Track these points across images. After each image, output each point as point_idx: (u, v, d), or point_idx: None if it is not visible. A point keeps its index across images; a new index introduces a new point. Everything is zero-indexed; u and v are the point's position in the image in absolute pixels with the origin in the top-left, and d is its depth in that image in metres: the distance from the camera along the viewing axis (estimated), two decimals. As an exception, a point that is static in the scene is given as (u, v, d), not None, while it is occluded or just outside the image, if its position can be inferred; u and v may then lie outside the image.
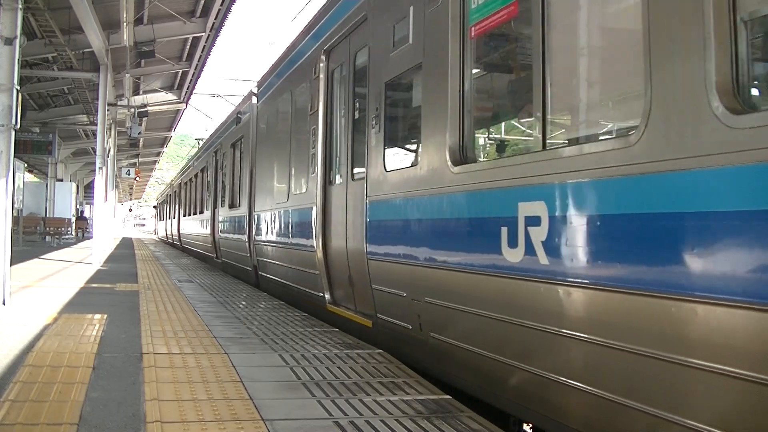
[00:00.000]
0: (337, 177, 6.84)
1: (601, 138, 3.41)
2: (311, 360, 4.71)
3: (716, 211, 2.30)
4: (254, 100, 11.38)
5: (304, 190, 7.55)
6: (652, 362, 2.54)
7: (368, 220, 5.55)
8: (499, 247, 3.48)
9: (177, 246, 27.15)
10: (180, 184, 26.97)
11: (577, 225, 2.95)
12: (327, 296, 6.84)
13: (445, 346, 4.23)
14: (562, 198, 3.05)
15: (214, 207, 15.61)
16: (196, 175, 20.97)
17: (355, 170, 6.15)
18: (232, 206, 13.24)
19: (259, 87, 11.06)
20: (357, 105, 6.24)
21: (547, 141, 3.37)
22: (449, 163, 4.14)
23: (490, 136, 5.14)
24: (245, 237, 11.17)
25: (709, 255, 2.32)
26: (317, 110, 7.15)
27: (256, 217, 10.33)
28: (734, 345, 2.24)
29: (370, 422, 3.27)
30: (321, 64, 7.11)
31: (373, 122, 5.48)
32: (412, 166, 4.95)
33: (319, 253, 6.87)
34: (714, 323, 2.30)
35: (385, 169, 5.26)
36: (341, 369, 4.46)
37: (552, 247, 3.08)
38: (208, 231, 16.60)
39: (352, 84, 6.33)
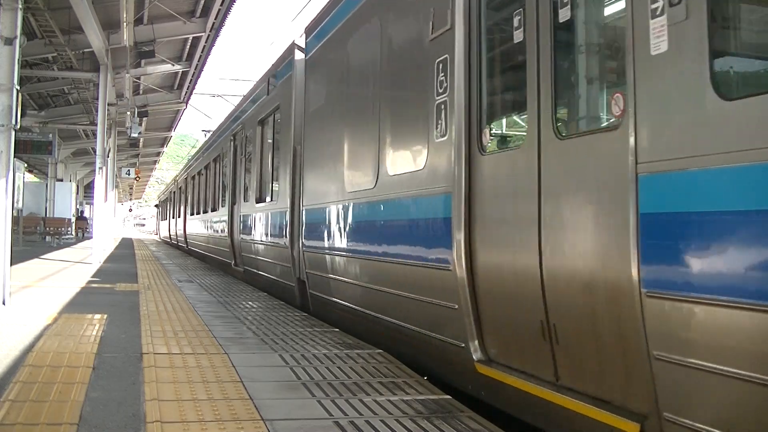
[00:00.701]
0: (506, 139, 4.38)
1: None
2: (311, 360, 4.71)
3: None
4: (299, 55, 8.44)
5: (420, 166, 4.68)
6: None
7: (641, 215, 2.75)
8: None
9: (182, 248, 24.71)
10: (186, 179, 24.30)
11: None
12: (475, 348, 4.03)
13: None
14: None
15: (233, 203, 12.83)
16: (206, 167, 17.83)
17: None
18: (261, 200, 10.45)
19: (309, 33, 7.87)
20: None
21: None
22: None
23: None
24: (285, 240, 8.38)
25: None
26: (452, 26, 4.27)
27: (304, 213, 7.54)
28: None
29: (370, 422, 3.27)
30: None
31: None
32: None
33: (462, 272, 4.05)
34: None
35: None
36: (341, 369, 4.46)
37: None
38: (223, 232, 13.77)
39: None
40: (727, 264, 2.43)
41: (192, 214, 20.99)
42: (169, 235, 31.53)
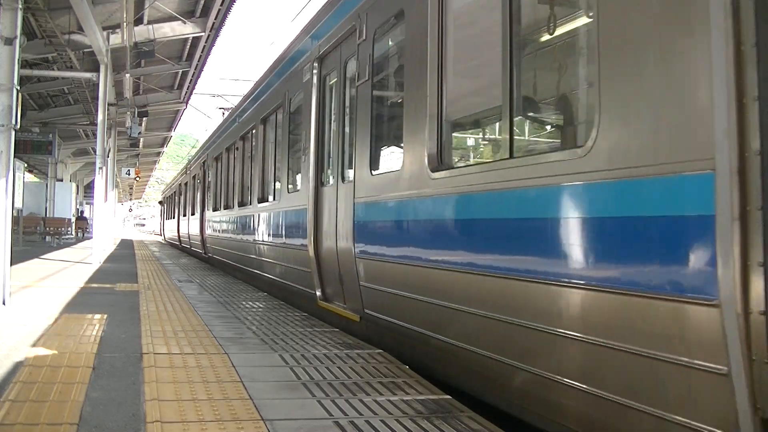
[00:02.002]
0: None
1: None
2: (311, 360, 4.71)
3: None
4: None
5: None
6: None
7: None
8: None
9: (199, 255, 18.72)
10: (205, 163, 18.05)
11: None
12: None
13: None
14: None
15: (321, 182, 7.31)
16: (249, 134, 11.78)
17: None
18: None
19: None
20: None
21: None
22: None
23: None
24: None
25: None
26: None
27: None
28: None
29: (370, 422, 3.27)
30: None
31: None
32: None
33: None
34: None
35: None
36: (341, 369, 4.46)
37: None
38: (296, 236, 7.75)
39: None
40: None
41: (217, 208, 14.97)
42: (179, 236, 25.07)
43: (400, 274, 4.85)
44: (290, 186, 8.57)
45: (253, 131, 11.17)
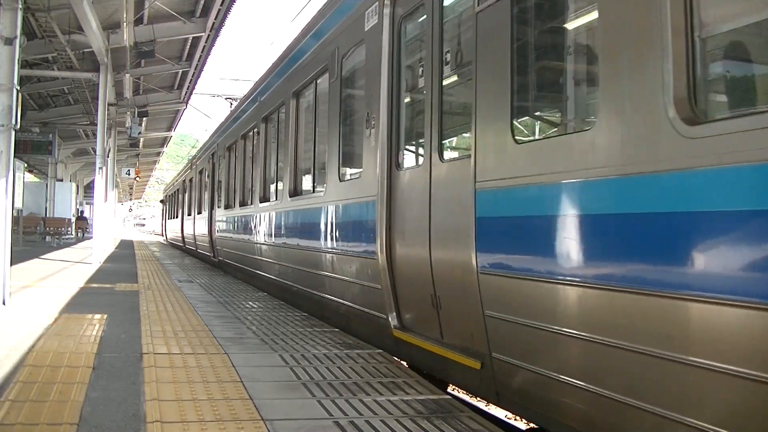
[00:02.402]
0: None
1: None
2: (311, 360, 4.71)
3: None
4: None
5: None
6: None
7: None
8: None
9: (208, 258, 16.44)
10: (213, 156, 16.14)
11: None
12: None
13: None
14: None
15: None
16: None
17: None
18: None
19: None
20: None
21: None
22: None
23: None
24: None
25: None
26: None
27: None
28: None
29: (370, 422, 3.27)
30: None
31: None
32: None
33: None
34: None
35: None
36: (341, 369, 4.46)
37: None
38: (350, 241, 6.11)
39: None
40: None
41: (230, 206, 13.22)
42: (182, 237, 23.14)
43: (580, 304, 3.04)
44: (343, 173, 6.41)
45: (282, 110, 8.98)
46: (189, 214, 21.34)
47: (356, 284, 5.73)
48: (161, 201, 42.02)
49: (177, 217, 26.67)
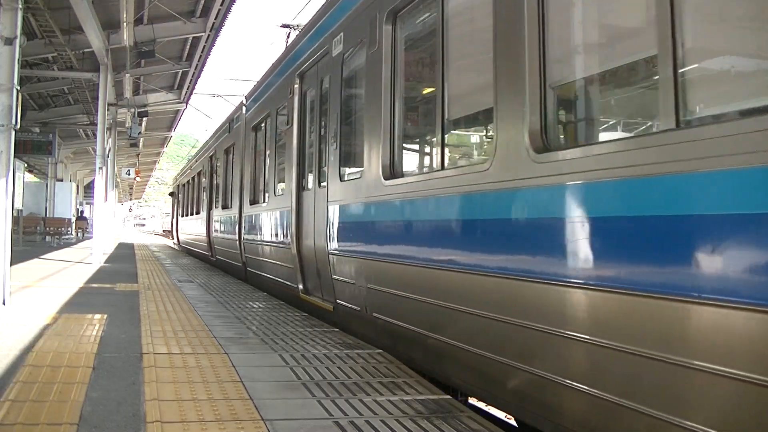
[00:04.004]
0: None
1: None
2: (311, 360, 4.71)
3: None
4: None
5: None
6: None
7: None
8: None
9: (239, 272, 12.04)
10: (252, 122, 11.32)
11: None
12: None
13: None
14: None
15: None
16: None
17: None
18: None
19: None
20: None
21: None
22: None
23: None
24: None
25: None
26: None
27: None
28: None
29: (370, 422, 3.27)
30: None
31: None
32: None
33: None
34: None
35: None
36: (341, 369, 4.46)
37: None
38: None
39: None
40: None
41: (256, 200, 10.65)
42: (208, 240, 16.27)
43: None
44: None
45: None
46: (210, 210, 15.84)
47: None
48: (171, 194, 31.60)
49: (189, 214, 21.28)
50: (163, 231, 72.40)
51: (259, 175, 10.76)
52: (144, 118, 23.10)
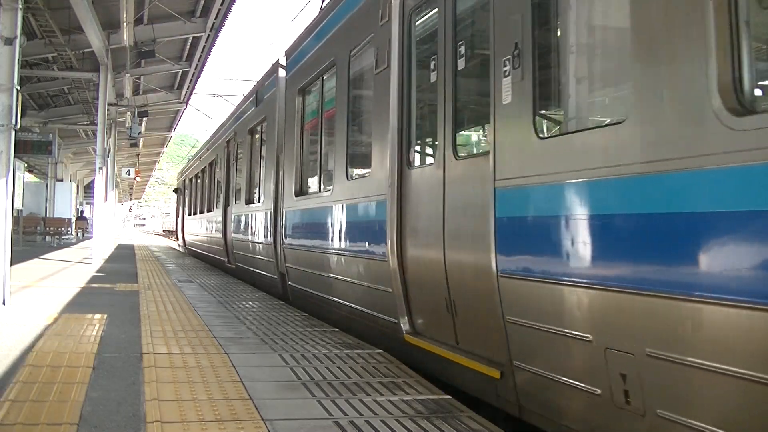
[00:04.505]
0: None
1: None
2: (311, 360, 4.71)
3: None
4: None
5: None
6: None
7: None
8: None
9: (272, 286, 9.70)
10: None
11: None
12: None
13: None
14: None
15: None
16: None
17: None
18: None
19: None
20: None
21: None
22: None
23: None
24: None
25: None
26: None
27: None
28: None
29: (370, 422, 3.27)
30: None
31: None
32: None
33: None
34: None
35: None
36: (341, 369, 4.46)
37: None
38: None
39: None
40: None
41: (306, 190, 8.18)
42: (224, 243, 13.72)
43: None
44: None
45: None
46: (252, 201, 11.48)
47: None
48: (175, 191, 28.96)
49: (199, 212, 18.26)
50: (164, 231, 72.39)
51: (313, 153, 7.95)
52: (144, 118, 23.09)
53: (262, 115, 10.86)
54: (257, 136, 11.49)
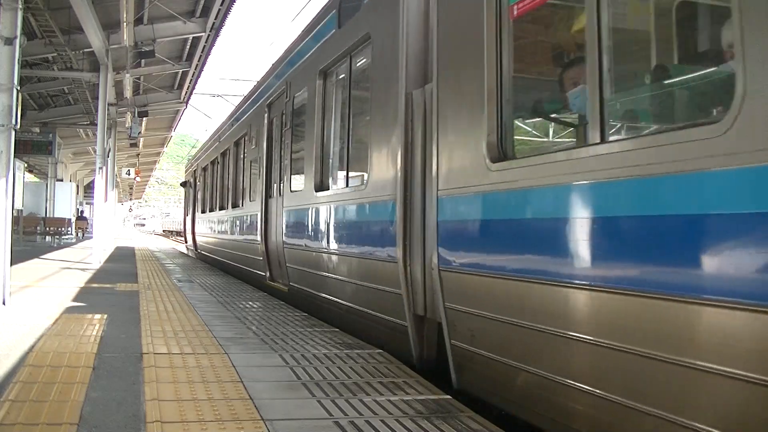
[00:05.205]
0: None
1: None
2: (311, 360, 4.71)
3: None
4: None
5: None
6: None
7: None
8: None
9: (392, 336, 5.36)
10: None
11: None
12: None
13: None
14: None
15: None
16: None
17: None
18: None
19: None
20: None
21: None
22: None
23: None
24: None
25: None
26: None
27: None
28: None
29: (370, 422, 3.27)
30: None
31: None
32: None
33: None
34: None
35: None
36: (341, 369, 4.46)
37: None
38: None
39: None
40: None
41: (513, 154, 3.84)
42: (265, 251, 9.64)
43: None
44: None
45: None
46: (325, 187, 7.14)
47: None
48: (183, 184, 24.24)
49: (234, 204, 12.92)
50: (164, 231, 72.44)
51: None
52: (144, 118, 23.09)
53: (362, 30, 5.98)
54: (342, 78, 6.85)
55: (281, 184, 8.86)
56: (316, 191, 7.12)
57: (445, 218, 4.30)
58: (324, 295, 6.90)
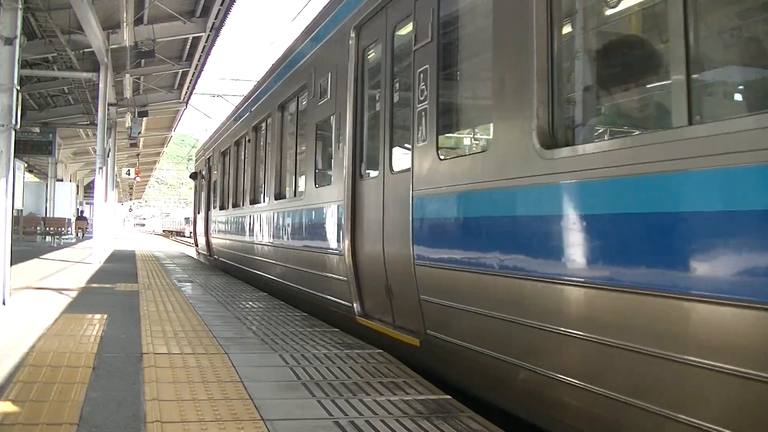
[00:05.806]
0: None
1: None
2: (311, 360, 4.71)
3: None
4: None
5: None
6: None
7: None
8: None
9: None
10: None
11: None
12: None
13: None
14: None
15: None
16: None
17: None
18: None
19: None
20: None
21: None
22: None
23: None
24: None
25: None
26: None
27: None
28: None
29: (370, 422, 3.27)
30: None
31: None
32: None
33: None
34: None
35: None
36: (341, 369, 4.46)
37: None
38: None
39: None
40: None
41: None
42: (355, 267, 5.88)
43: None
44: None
45: None
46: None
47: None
48: (193, 175, 20.99)
49: (278, 195, 9.06)
50: (164, 231, 72.45)
51: None
52: (144, 118, 23.08)
53: None
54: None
55: (407, 149, 5.02)
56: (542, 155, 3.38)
57: None
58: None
